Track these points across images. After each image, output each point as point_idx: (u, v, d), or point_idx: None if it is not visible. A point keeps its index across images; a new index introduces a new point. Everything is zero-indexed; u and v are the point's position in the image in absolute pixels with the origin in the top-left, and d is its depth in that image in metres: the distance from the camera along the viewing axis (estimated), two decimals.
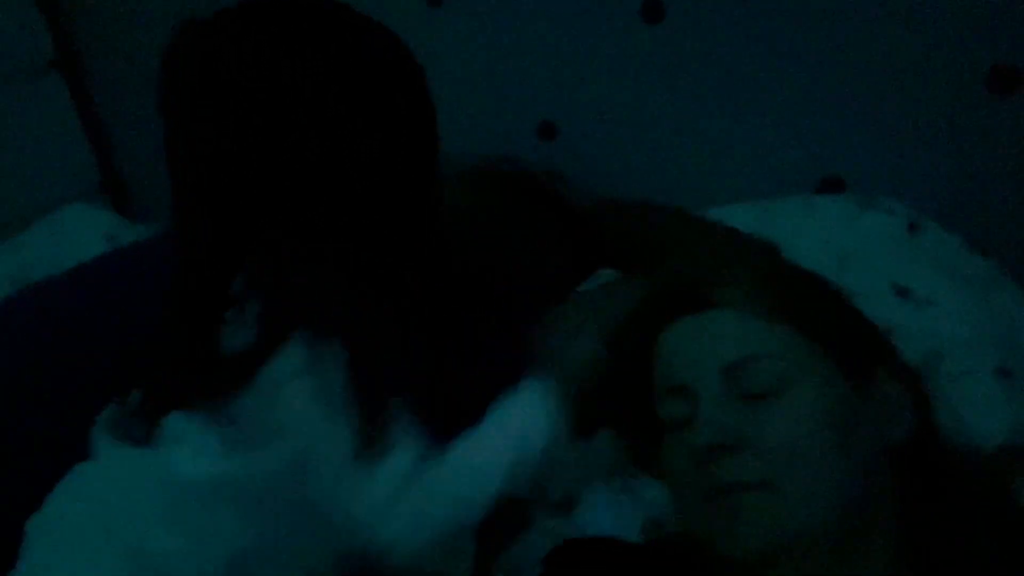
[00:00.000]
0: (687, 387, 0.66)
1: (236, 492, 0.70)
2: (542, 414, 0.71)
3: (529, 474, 0.70)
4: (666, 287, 0.74)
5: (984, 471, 0.79)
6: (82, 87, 1.90)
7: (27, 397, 0.90)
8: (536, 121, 1.38)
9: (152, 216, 1.77)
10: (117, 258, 1.07)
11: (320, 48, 0.70)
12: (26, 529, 0.76)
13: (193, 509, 0.71)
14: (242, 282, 0.68)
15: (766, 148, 1.22)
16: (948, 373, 0.86)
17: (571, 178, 1.32)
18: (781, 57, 1.16)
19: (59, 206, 1.67)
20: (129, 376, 0.78)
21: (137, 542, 0.71)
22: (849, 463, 0.62)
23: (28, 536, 0.75)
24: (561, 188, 1.22)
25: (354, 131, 0.69)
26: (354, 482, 0.66)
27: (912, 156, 1.11)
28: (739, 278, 0.71)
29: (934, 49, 1.06)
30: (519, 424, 0.70)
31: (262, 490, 0.70)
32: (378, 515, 0.67)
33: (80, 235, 1.54)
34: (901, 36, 1.07)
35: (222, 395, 0.67)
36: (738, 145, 1.24)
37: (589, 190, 1.30)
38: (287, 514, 0.71)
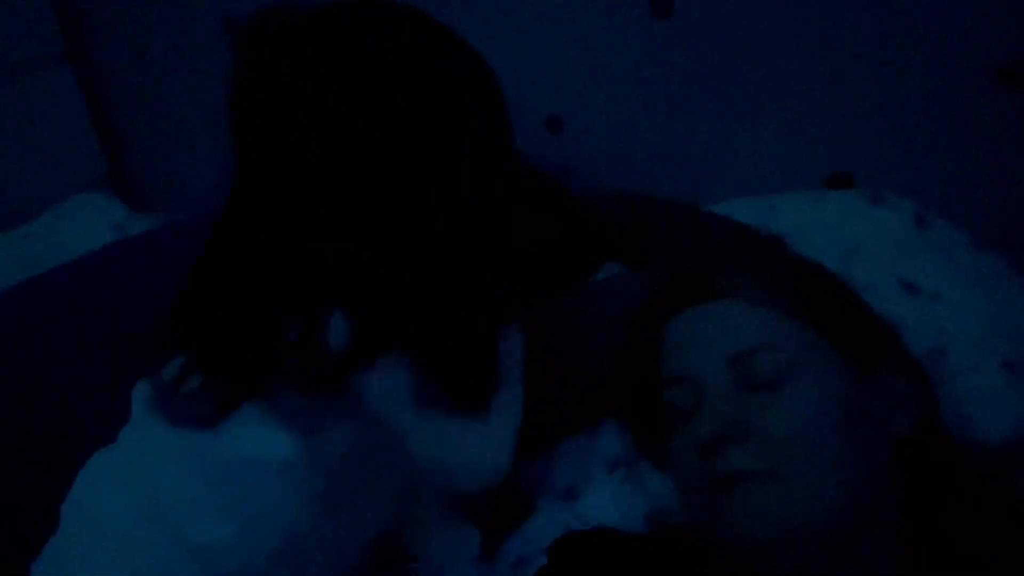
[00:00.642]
0: (693, 377, 0.66)
1: (303, 474, 0.73)
2: None
3: None
4: (672, 278, 0.74)
5: (988, 465, 0.80)
6: (90, 78, 1.90)
7: (33, 386, 0.90)
8: (544, 114, 1.38)
9: (159, 207, 1.78)
10: (124, 248, 1.08)
11: (320, 48, 0.70)
12: (62, 511, 0.77)
13: (250, 493, 0.73)
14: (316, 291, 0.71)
15: (774, 143, 1.22)
16: (954, 367, 0.85)
17: (578, 172, 1.32)
18: (790, 52, 1.16)
19: (67, 196, 1.67)
20: (138, 363, 0.80)
21: (182, 529, 0.72)
22: (854, 454, 0.62)
23: (64, 518, 0.77)
24: (567, 182, 1.22)
25: (353, 132, 0.69)
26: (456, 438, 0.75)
27: (920, 152, 1.11)
28: (745, 269, 0.71)
29: (943, 45, 1.05)
30: None
31: (329, 473, 0.74)
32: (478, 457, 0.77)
33: (88, 225, 1.54)
34: (910, 31, 1.07)
35: (310, 390, 0.71)
36: (746, 140, 1.24)
37: (596, 184, 1.30)
38: (345, 496, 0.76)
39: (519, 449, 0.79)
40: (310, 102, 0.69)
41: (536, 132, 1.38)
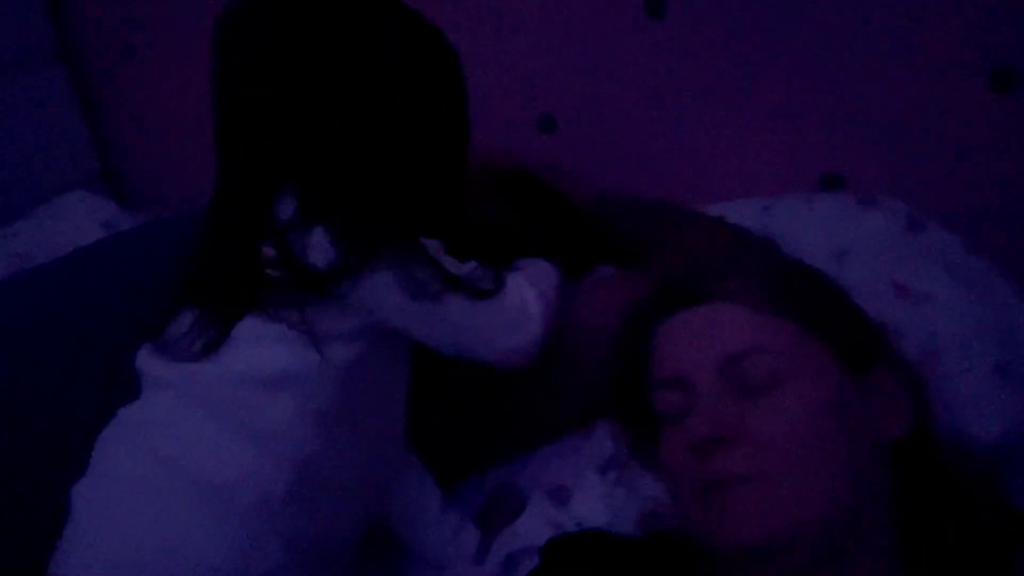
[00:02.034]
0: (685, 379, 0.66)
1: (310, 387, 0.77)
2: None
3: None
4: (664, 280, 0.74)
5: (980, 468, 0.79)
6: (81, 76, 1.90)
7: (22, 380, 0.90)
8: (537, 114, 1.37)
9: (149, 205, 1.77)
10: (112, 244, 1.07)
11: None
12: (73, 491, 0.78)
13: (260, 414, 0.76)
14: (297, 207, 0.77)
15: (767, 145, 1.22)
16: (946, 370, 0.85)
17: (571, 172, 1.32)
18: (783, 54, 1.16)
19: (58, 194, 1.67)
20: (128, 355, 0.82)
21: (200, 470, 0.74)
22: (846, 457, 0.62)
23: (79, 494, 0.78)
24: (560, 183, 1.22)
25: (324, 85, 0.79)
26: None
27: (912, 154, 1.11)
28: (738, 271, 0.71)
29: (936, 48, 1.06)
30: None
31: (336, 384, 0.78)
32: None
33: (78, 223, 1.53)
34: (903, 34, 1.07)
35: (304, 302, 0.76)
36: (739, 141, 1.24)
37: (589, 184, 1.29)
38: (348, 422, 0.80)
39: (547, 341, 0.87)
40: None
41: (529, 132, 1.38)
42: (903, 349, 0.76)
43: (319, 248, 0.75)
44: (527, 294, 0.86)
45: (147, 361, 0.81)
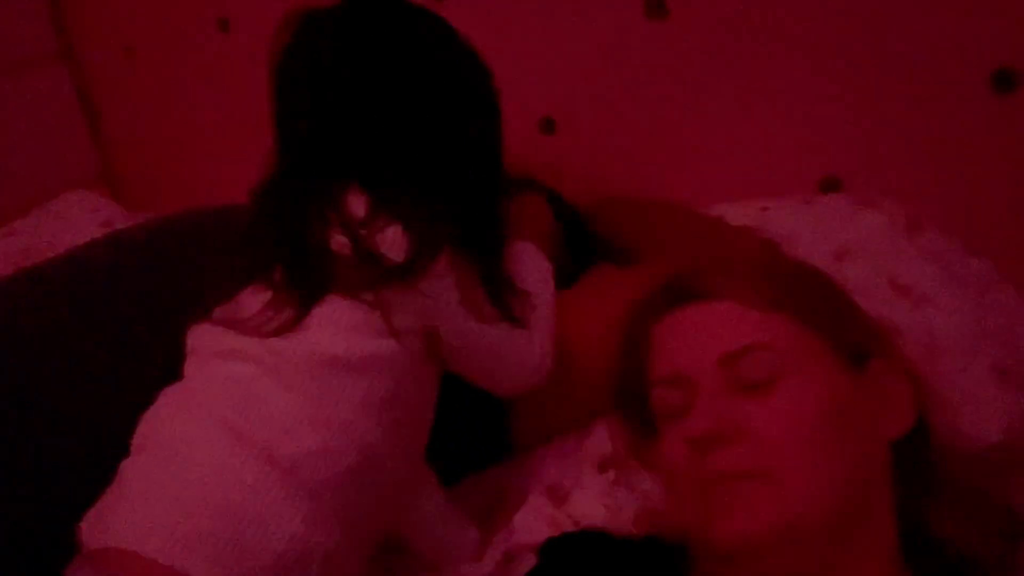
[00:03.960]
0: (684, 377, 0.66)
1: (378, 376, 0.80)
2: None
3: None
4: (664, 278, 0.74)
5: (978, 468, 0.80)
6: (83, 77, 1.90)
7: (25, 378, 0.90)
8: (537, 116, 1.38)
9: (149, 205, 1.77)
10: (113, 241, 1.07)
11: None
12: (123, 466, 0.78)
13: (334, 396, 0.78)
14: (369, 205, 0.82)
15: (766, 146, 1.22)
16: (944, 370, 0.85)
17: (571, 174, 1.32)
18: (782, 56, 1.16)
19: (58, 193, 1.68)
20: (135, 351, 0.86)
21: (271, 444, 0.75)
22: (846, 454, 0.62)
23: (128, 467, 0.78)
24: (560, 184, 1.22)
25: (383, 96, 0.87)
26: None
27: (911, 156, 1.11)
28: (737, 269, 0.71)
29: (935, 49, 1.06)
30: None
31: (395, 376, 0.81)
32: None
33: (78, 222, 1.54)
34: (903, 35, 1.07)
35: (377, 290, 0.79)
36: (738, 143, 1.24)
37: (588, 186, 1.30)
38: (411, 401, 0.85)
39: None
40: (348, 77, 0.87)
41: (530, 134, 1.38)
42: (902, 349, 0.76)
43: (394, 245, 0.79)
44: (545, 337, 0.92)
45: (207, 336, 0.83)
